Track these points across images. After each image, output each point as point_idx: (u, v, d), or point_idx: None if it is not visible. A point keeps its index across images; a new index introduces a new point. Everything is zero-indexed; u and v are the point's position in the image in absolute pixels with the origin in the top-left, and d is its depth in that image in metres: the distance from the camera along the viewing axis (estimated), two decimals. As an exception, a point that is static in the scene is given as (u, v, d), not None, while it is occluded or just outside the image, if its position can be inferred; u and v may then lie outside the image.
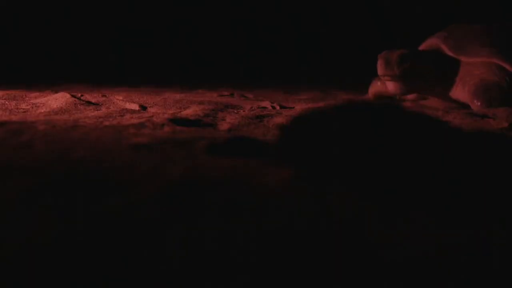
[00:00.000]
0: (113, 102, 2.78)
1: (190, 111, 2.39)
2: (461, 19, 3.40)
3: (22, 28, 7.14)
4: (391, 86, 3.08)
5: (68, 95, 2.73)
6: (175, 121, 1.94)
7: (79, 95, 2.99)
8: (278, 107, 2.76)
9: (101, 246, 0.77)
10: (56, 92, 3.14)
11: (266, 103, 2.89)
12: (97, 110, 2.46)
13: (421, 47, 3.20)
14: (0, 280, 0.68)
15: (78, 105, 2.56)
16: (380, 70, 2.93)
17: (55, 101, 2.63)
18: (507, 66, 2.81)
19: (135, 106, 2.63)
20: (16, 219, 0.85)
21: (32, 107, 2.52)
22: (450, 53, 3.01)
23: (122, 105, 2.69)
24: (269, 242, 0.80)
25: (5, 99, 2.80)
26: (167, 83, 4.46)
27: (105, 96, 3.08)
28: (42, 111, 2.39)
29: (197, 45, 6.93)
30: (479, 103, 2.74)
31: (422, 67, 2.97)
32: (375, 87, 3.26)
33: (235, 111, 2.53)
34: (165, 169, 1.16)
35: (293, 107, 2.82)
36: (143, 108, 2.64)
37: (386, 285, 0.71)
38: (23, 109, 2.47)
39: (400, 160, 1.22)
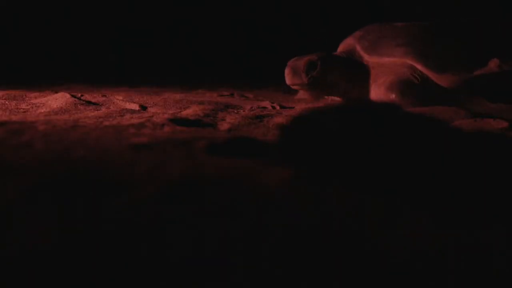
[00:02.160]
0: (113, 102, 2.78)
1: (190, 111, 2.39)
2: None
3: (22, 28, 7.14)
4: (304, 95, 2.97)
5: (68, 95, 2.73)
6: (175, 121, 1.94)
7: (79, 95, 2.99)
8: (278, 107, 2.76)
9: (101, 246, 0.77)
10: (56, 92, 3.14)
11: (266, 103, 2.89)
12: (97, 110, 2.46)
13: (339, 48, 3.07)
14: (0, 281, 0.68)
15: (78, 105, 2.57)
16: (287, 79, 2.80)
17: (55, 101, 2.63)
18: (419, 66, 2.71)
19: (135, 106, 2.64)
20: (16, 219, 0.85)
21: (32, 107, 2.52)
22: (363, 54, 2.87)
23: (122, 105, 2.69)
24: (269, 242, 0.80)
25: (5, 99, 2.80)
26: (167, 83, 4.46)
27: (105, 96, 3.08)
28: (42, 111, 2.39)
29: (197, 45, 6.94)
30: (393, 96, 2.65)
31: (333, 72, 2.83)
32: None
33: (235, 111, 2.53)
34: (165, 169, 1.16)
35: (293, 107, 2.82)
36: (143, 108, 2.64)
37: (386, 285, 0.71)
38: (23, 109, 2.47)
39: (400, 160, 1.22)
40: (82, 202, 0.94)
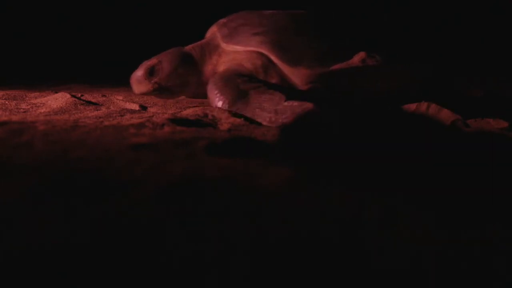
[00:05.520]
0: (113, 102, 2.78)
1: (190, 111, 2.39)
2: (460, 19, 3.35)
3: (22, 28, 7.15)
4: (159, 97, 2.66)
5: (68, 95, 2.73)
6: (175, 121, 1.93)
7: (79, 95, 2.99)
8: (278, 107, 2.75)
9: (101, 246, 0.77)
10: (56, 92, 3.14)
11: (266, 103, 2.88)
12: (97, 110, 2.46)
13: (206, 35, 2.78)
14: (1, 281, 0.68)
15: (78, 105, 2.57)
16: (134, 89, 2.54)
17: (55, 101, 2.63)
18: (272, 57, 2.36)
19: (135, 106, 2.64)
20: (15, 219, 0.85)
21: (32, 107, 2.52)
22: (220, 42, 2.55)
23: (122, 105, 2.69)
24: (269, 243, 0.80)
25: (5, 99, 2.80)
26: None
27: (105, 96, 3.09)
28: (42, 111, 2.39)
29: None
30: (216, 99, 2.29)
31: (181, 72, 2.53)
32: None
33: (235, 111, 2.52)
34: (165, 168, 1.16)
35: (293, 107, 2.81)
36: (143, 108, 2.65)
37: (387, 286, 0.71)
38: (23, 109, 2.47)
39: (400, 160, 1.22)
40: (82, 202, 0.94)
